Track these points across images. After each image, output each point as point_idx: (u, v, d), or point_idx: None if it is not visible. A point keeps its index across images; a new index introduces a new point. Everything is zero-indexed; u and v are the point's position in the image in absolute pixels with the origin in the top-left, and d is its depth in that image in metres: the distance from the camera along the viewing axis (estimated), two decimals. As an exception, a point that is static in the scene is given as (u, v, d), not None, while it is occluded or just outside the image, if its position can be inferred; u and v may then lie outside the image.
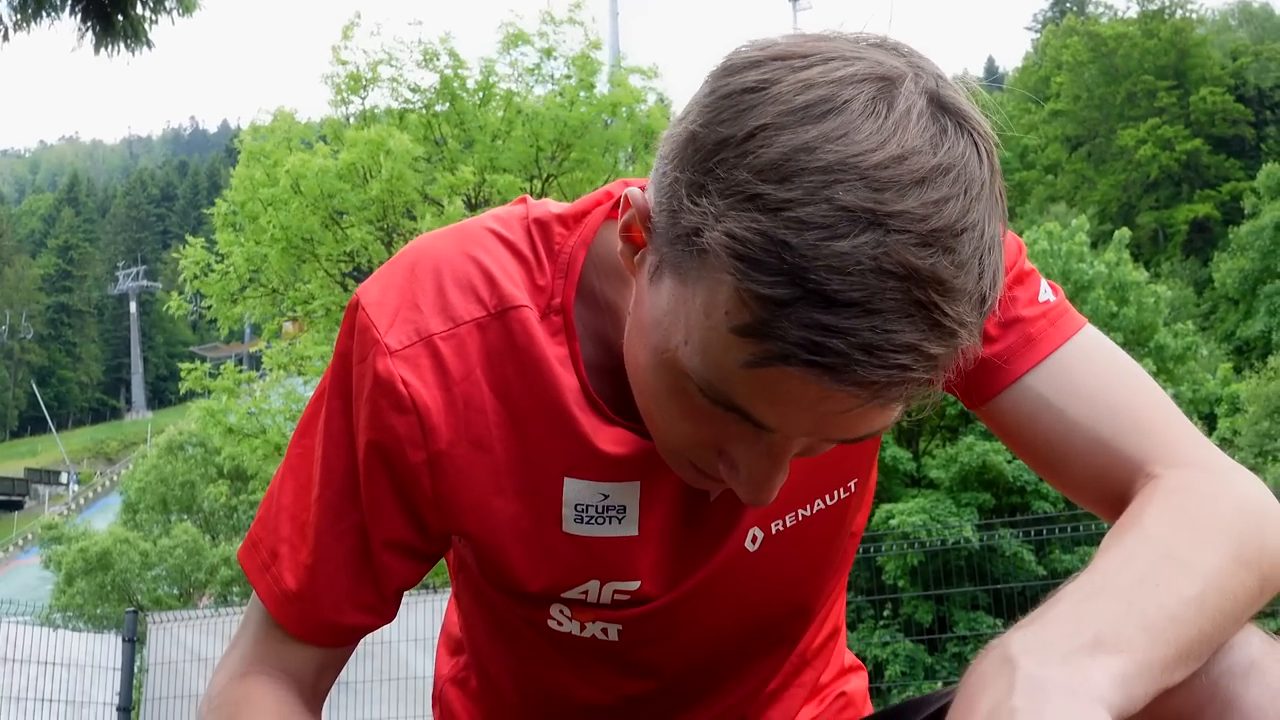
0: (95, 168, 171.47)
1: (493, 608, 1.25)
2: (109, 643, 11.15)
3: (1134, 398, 1.10)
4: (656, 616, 1.15)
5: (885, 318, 0.82)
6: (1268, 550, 0.96)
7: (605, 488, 1.10)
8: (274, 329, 17.55)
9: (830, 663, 1.38)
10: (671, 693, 1.24)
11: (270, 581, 1.15)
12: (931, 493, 17.99)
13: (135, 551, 28.43)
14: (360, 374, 1.10)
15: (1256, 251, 34.52)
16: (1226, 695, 0.90)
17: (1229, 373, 27.42)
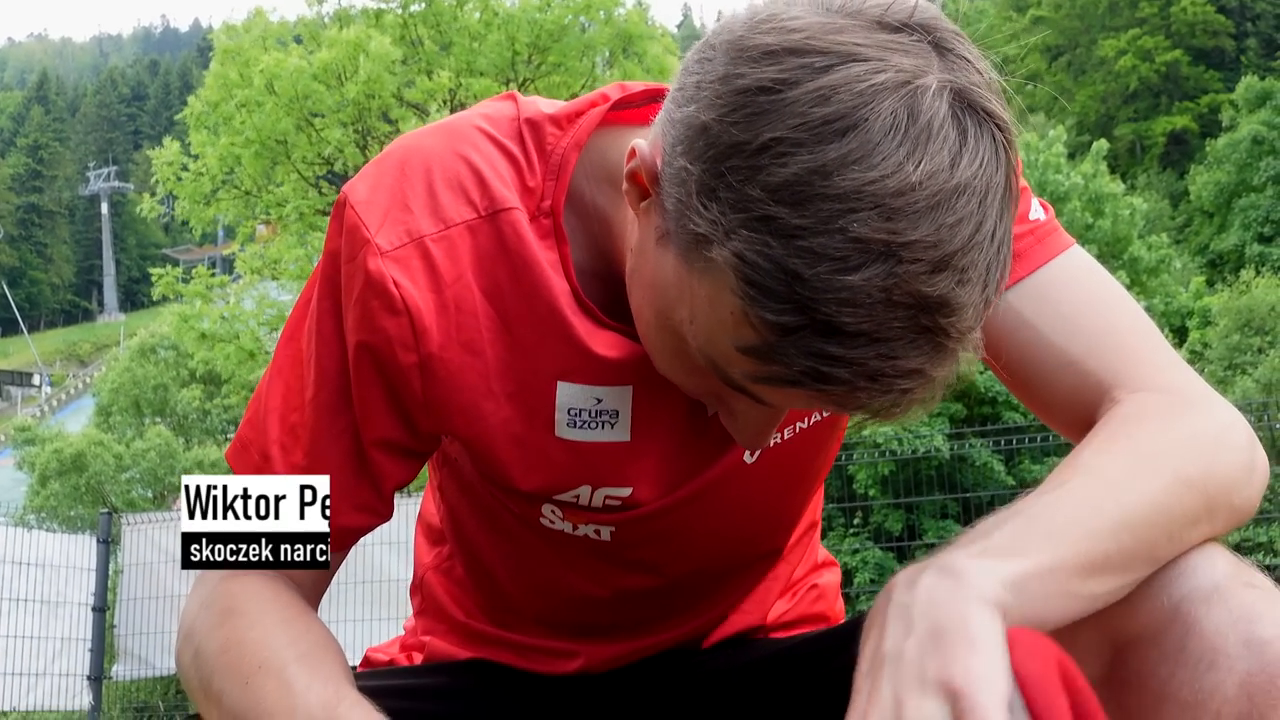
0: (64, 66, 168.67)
1: (482, 502, 1.25)
2: (83, 543, 11.18)
3: (1112, 321, 1.09)
4: (648, 521, 1.16)
5: (891, 346, 0.83)
6: (1215, 474, 0.96)
7: (599, 391, 1.10)
8: (248, 232, 17.44)
9: (804, 558, 1.41)
10: (665, 590, 1.25)
11: None
12: (903, 402, 18.07)
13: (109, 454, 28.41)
14: (350, 274, 1.09)
15: (1233, 165, 34.51)
16: (1187, 619, 0.90)
17: (1202, 286, 27.52)
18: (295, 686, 0.98)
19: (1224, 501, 0.96)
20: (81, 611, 10.85)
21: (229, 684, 1.01)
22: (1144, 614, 0.92)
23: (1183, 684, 0.90)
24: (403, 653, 1.41)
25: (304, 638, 1.05)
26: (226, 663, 1.03)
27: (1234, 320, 21.83)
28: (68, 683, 10.89)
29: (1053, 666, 0.75)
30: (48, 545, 11.13)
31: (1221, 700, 0.89)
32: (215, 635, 1.07)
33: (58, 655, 10.88)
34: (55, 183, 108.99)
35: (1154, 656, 0.91)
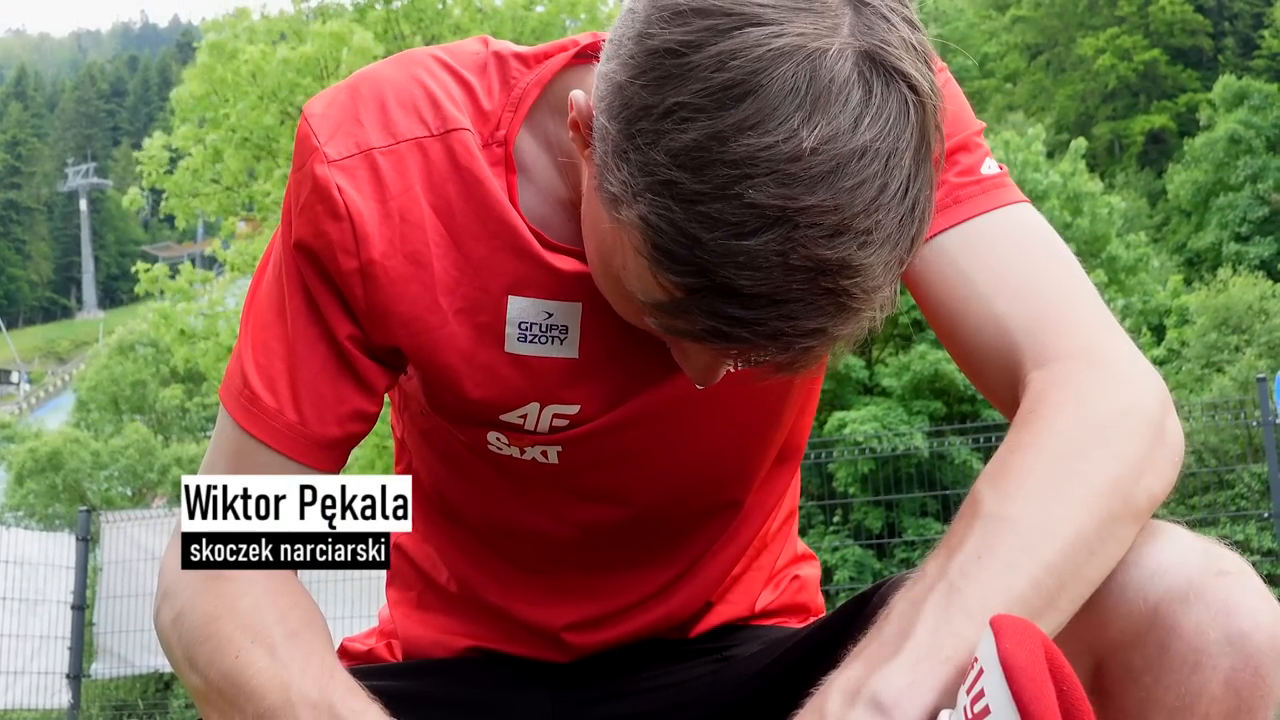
0: (43, 61, 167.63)
1: (437, 440, 1.26)
2: (62, 541, 11.13)
3: (1041, 278, 1.08)
4: (595, 440, 1.16)
5: (792, 307, 0.85)
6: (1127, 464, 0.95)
7: (550, 305, 1.12)
8: (230, 229, 17.37)
9: (785, 547, 1.41)
10: (628, 534, 1.25)
11: (246, 403, 1.13)
12: (883, 401, 18.12)
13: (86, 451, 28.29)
14: (298, 181, 1.11)
15: (1210, 164, 34.65)
16: (1167, 622, 0.91)
17: (1179, 284, 27.64)
18: (289, 667, 0.98)
19: (1142, 493, 0.95)
20: (60, 609, 10.79)
21: (218, 656, 1.02)
22: (1122, 619, 0.92)
23: (1169, 688, 0.91)
24: (381, 641, 1.40)
25: (293, 612, 1.05)
26: (216, 632, 1.03)
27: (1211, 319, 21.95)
28: (46, 681, 10.83)
29: (1039, 655, 0.76)
30: (26, 543, 11.07)
31: (1209, 700, 0.90)
32: (202, 600, 1.07)
33: (36, 653, 10.82)
34: (33, 179, 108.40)
35: (1137, 663, 0.92)
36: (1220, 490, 12.97)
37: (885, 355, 19.50)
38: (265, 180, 16.80)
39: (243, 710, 0.98)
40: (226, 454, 1.14)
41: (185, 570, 1.09)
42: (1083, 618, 0.92)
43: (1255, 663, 0.89)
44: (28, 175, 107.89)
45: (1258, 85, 35.57)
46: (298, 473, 1.13)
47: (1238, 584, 0.91)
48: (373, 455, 15.76)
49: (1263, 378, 8.90)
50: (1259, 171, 33.21)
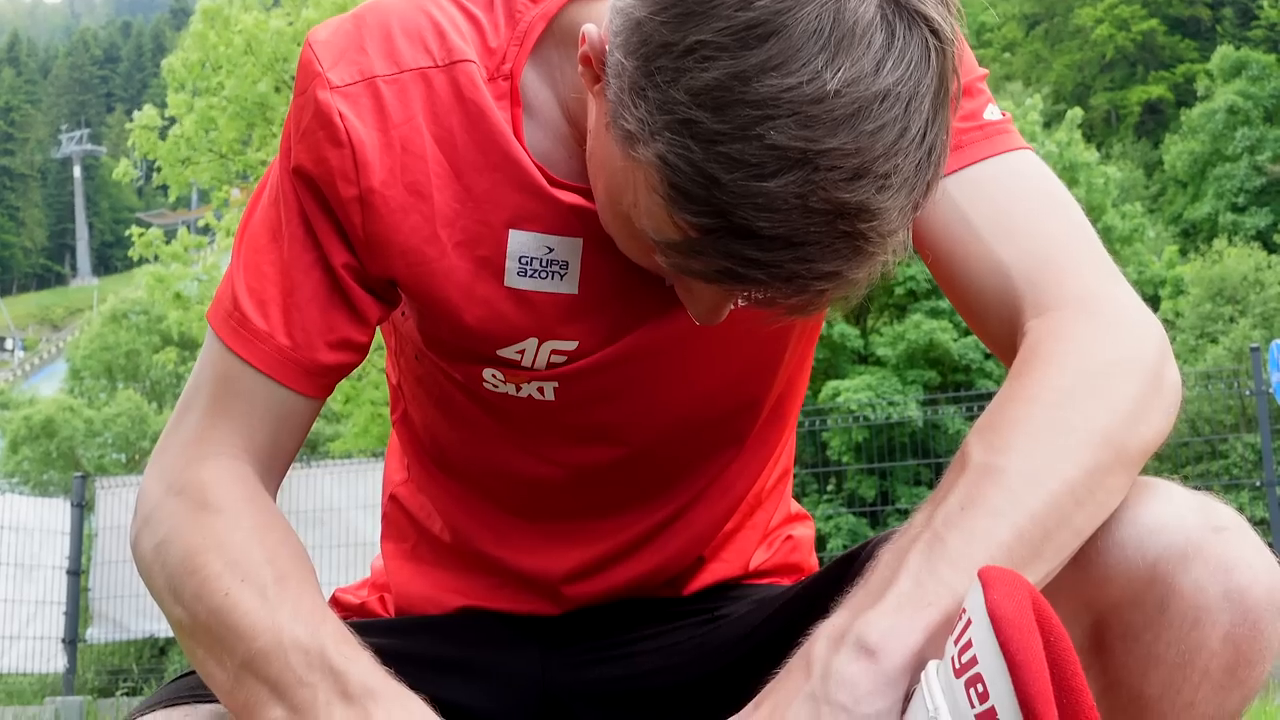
0: (36, 27, 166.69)
1: (432, 384, 1.26)
2: (57, 507, 11.14)
3: (1044, 224, 1.09)
4: (592, 375, 1.16)
5: (809, 250, 0.85)
6: (1120, 414, 0.95)
7: (551, 240, 1.11)
8: (223, 197, 17.30)
9: (779, 507, 1.41)
10: (620, 475, 1.25)
11: (236, 325, 1.12)
12: (878, 370, 18.14)
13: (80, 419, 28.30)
14: (300, 106, 1.11)
15: (1207, 134, 34.58)
16: (1166, 580, 0.91)
17: (1175, 255, 27.66)
18: (280, 610, 0.98)
19: (1135, 442, 0.95)
20: (55, 575, 10.82)
21: (205, 592, 1.00)
22: (1121, 578, 0.93)
23: (1168, 645, 0.91)
24: (373, 594, 1.40)
25: (282, 551, 1.04)
26: (202, 566, 1.02)
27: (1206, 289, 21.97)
28: (42, 645, 10.87)
29: (1027, 606, 0.76)
30: (21, 508, 11.08)
31: (1208, 655, 0.91)
32: (189, 531, 1.05)
33: (32, 618, 10.85)
34: (27, 145, 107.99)
35: (1137, 620, 0.92)
36: (1213, 460, 13.01)
37: (880, 325, 19.51)
38: (260, 149, 16.72)
39: (231, 650, 0.97)
40: (212, 378, 1.13)
41: (168, 497, 1.09)
42: (1081, 576, 0.93)
43: (1254, 617, 0.90)
44: (21, 142, 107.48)
45: (1256, 56, 35.47)
46: (283, 400, 1.12)
47: (1235, 540, 0.92)
48: (367, 422, 15.77)
49: (1256, 347, 8.91)
50: (1256, 142, 33.16)
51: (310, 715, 0.92)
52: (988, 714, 0.74)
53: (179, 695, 1.07)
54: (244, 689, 0.96)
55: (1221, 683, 0.91)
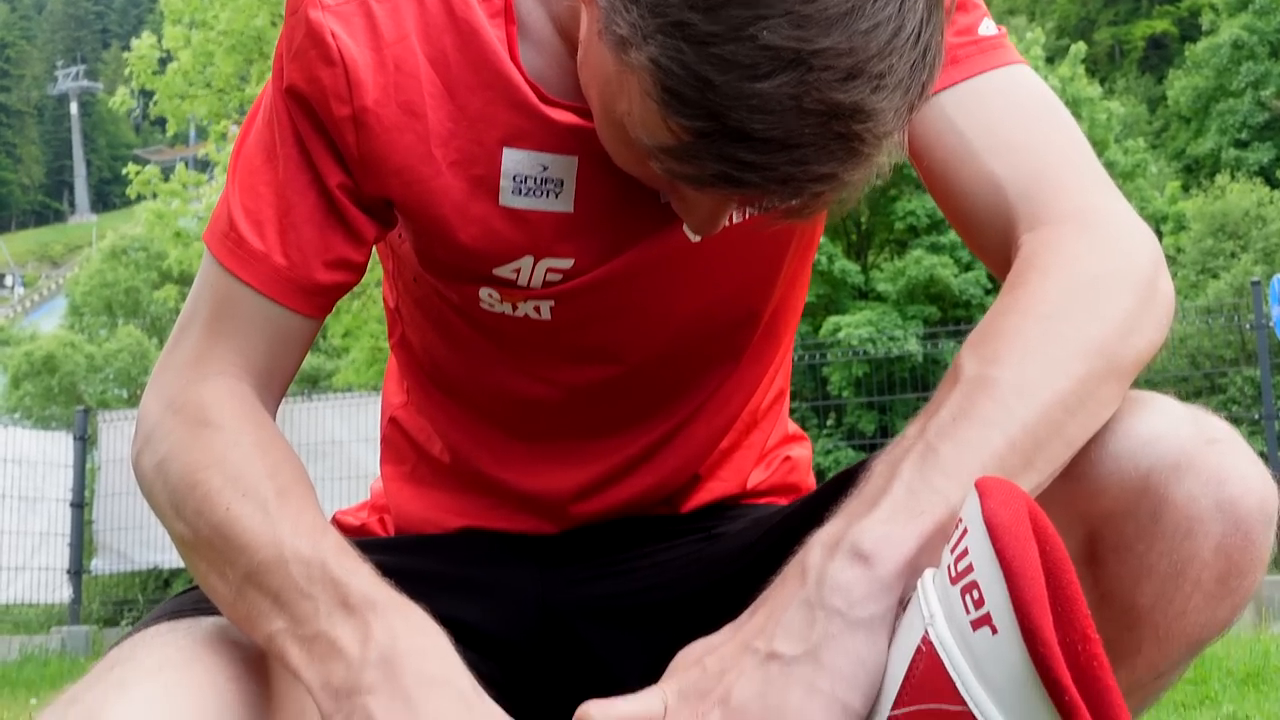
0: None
1: (428, 305, 1.26)
2: (60, 440, 11.18)
3: (1038, 139, 1.08)
4: (588, 293, 1.17)
5: (804, 152, 0.84)
6: (1112, 325, 0.95)
7: (545, 159, 1.11)
8: (220, 131, 17.19)
9: (776, 427, 1.41)
10: (617, 393, 1.26)
11: (233, 245, 1.12)
12: (879, 305, 18.11)
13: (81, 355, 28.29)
14: (291, 26, 1.10)
15: (1211, 69, 34.29)
16: (1159, 491, 0.92)
17: (1177, 191, 27.52)
18: (281, 523, 0.98)
19: (1128, 352, 0.95)
20: (59, 507, 10.88)
21: (207, 507, 1.01)
22: (1114, 490, 0.93)
23: (1161, 555, 0.92)
24: (373, 515, 1.42)
25: (282, 468, 1.05)
26: (203, 482, 1.03)
27: (1208, 225, 21.89)
28: (47, 576, 10.95)
29: (1023, 515, 0.77)
30: (24, 442, 11.13)
31: (1200, 566, 0.92)
32: (190, 448, 1.06)
33: (36, 550, 10.92)
34: (23, 82, 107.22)
35: (1130, 532, 0.93)
36: (1212, 395, 13.02)
37: (880, 260, 19.47)
38: (257, 84, 16.59)
39: (233, 563, 0.98)
40: (210, 299, 1.14)
41: (168, 416, 1.10)
42: (1074, 488, 0.94)
43: (1246, 527, 0.91)
44: (16, 78, 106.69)
45: (1261, -11, 35.11)
46: (281, 319, 1.13)
47: (1228, 451, 0.93)
48: (368, 356, 15.78)
49: (1257, 281, 8.90)
50: (1261, 77, 32.87)
51: (312, 626, 0.93)
52: (983, 620, 0.75)
53: (182, 609, 1.09)
54: (246, 601, 0.97)
55: (1213, 592, 0.92)
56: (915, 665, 0.78)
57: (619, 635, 1.27)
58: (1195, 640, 0.95)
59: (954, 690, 0.75)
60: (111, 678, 0.94)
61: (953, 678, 0.75)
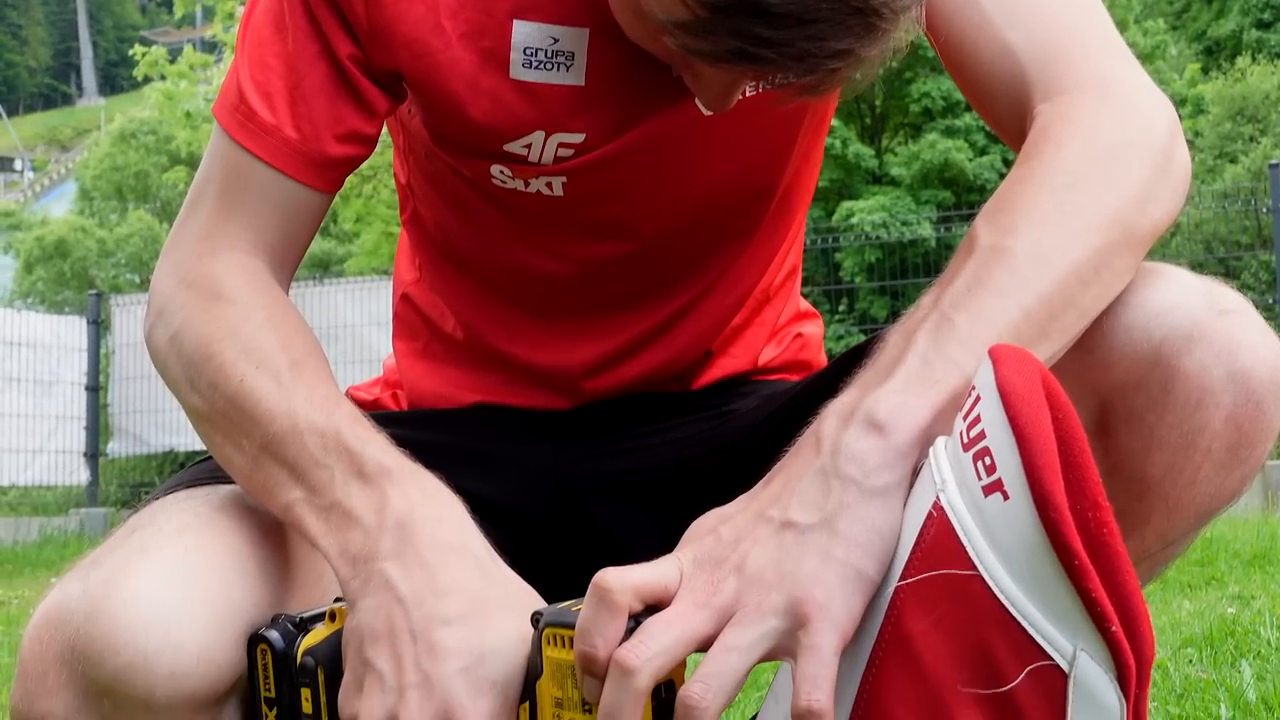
0: None
1: (440, 181, 1.26)
2: (74, 324, 11.23)
3: (1057, 9, 1.06)
4: (601, 168, 1.16)
5: (821, 27, 0.83)
6: (1127, 195, 0.94)
7: (555, 30, 1.10)
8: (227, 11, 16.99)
9: (788, 305, 1.42)
10: (630, 269, 1.26)
11: (243, 119, 1.12)
12: (892, 190, 17.97)
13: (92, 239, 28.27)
14: None
15: (1235, -52, 33.68)
16: (1170, 362, 0.91)
17: (1196, 73, 27.13)
18: (295, 394, 0.99)
19: (1144, 223, 0.94)
20: (74, 390, 10.97)
21: (221, 380, 1.02)
22: (1125, 361, 0.93)
23: (1171, 426, 0.92)
24: (386, 390, 1.42)
25: (295, 339, 1.05)
26: (217, 354, 1.03)
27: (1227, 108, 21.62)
28: (64, 459, 11.07)
29: (1036, 383, 0.77)
30: (38, 326, 11.19)
31: (1211, 436, 0.92)
32: (203, 322, 1.06)
33: (53, 433, 11.04)
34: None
35: (1140, 403, 0.93)
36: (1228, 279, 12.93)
37: (894, 144, 19.29)
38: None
39: (248, 435, 0.99)
40: (220, 173, 1.13)
41: (180, 290, 1.10)
42: (1086, 360, 0.94)
43: (1257, 398, 0.91)
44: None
45: None
46: (293, 193, 1.13)
47: (1240, 322, 0.93)
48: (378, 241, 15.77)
49: (1276, 164, 8.80)
50: (1285, -44, 32.28)
51: (328, 495, 0.94)
52: (994, 486, 0.75)
53: (199, 477, 1.10)
54: (262, 472, 0.98)
55: (1223, 462, 0.93)
56: (926, 531, 0.78)
57: (631, 510, 1.28)
58: (1204, 510, 0.96)
59: (964, 555, 0.75)
60: (132, 542, 0.95)
61: (963, 543, 0.75)
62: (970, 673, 0.75)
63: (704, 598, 0.78)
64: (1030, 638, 0.74)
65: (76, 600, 0.91)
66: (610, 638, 0.76)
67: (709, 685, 0.75)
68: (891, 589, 0.78)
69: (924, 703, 0.75)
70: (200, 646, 0.90)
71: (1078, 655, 0.73)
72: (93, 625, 0.89)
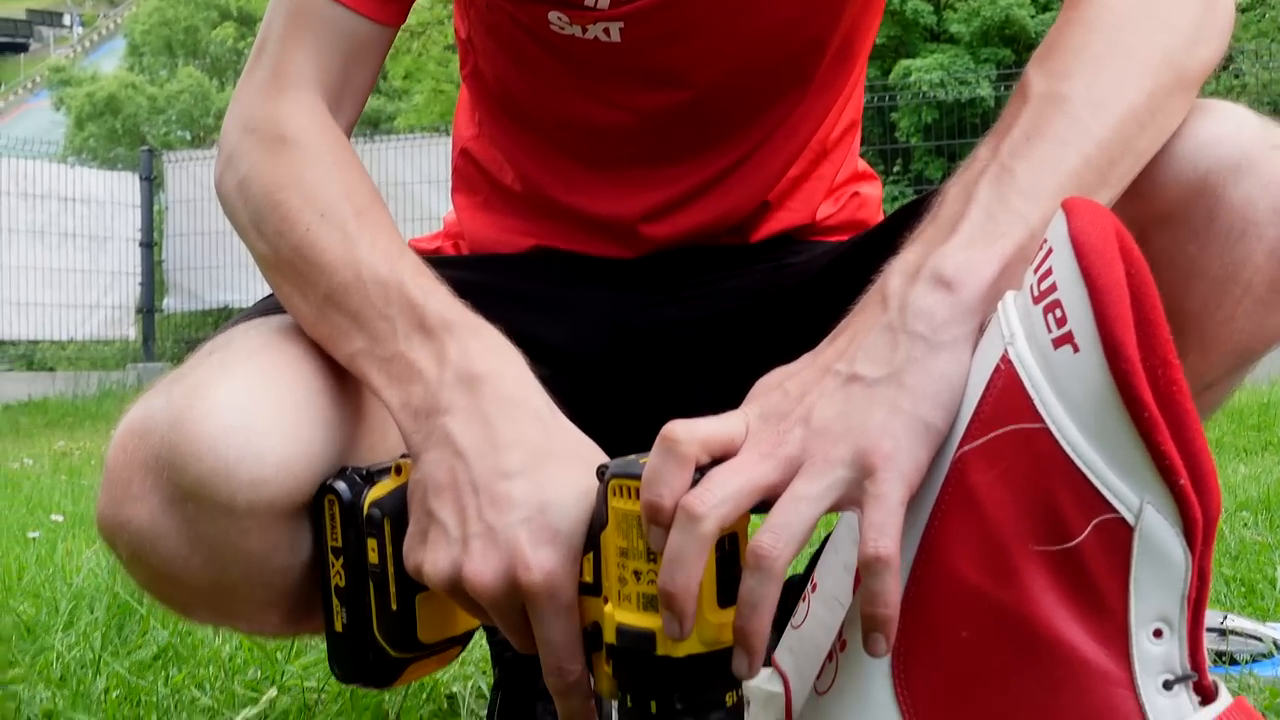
0: None
1: (501, 34, 1.25)
2: (127, 180, 11.31)
3: None
4: (657, 12, 1.15)
5: None
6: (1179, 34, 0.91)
7: None
8: None
9: (846, 162, 1.40)
10: (687, 119, 1.25)
11: None
12: (950, 48, 17.62)
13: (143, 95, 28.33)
14: None
15: None
16: (1215, 192, 0.89)
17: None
18: (359, 244, 0.99)
19: (1194, 64, 0.92)
20: (129, 246, 11.10)
21: (286, 228, 1.02)
22: (1170, 190, 0.91)
23: (1212, 258, 0.90)
24: (447, 240, 1.43)
25: (359, 189, 1.05)
26: (283, 202, 1.03)
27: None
28: (120, 315, 11.25)
29: (1110, 235, 0.75)
30: (91, 182, 11.27)
31: (1252, 270, 0.89)
32: (269, 168, 1.07)
33: (108, 289, 11.19)
34: None
35: (1182, 233, 0.91)
36: None
37: (954, 0, 18.87)
38: None
39: (314, 284, 0.99)
40: (284, 12, 1.14)
41: (246, 136, 1.10)
42: (1130, 190, 0.90)
43: None
44: None
45: None
46: (355, 27, 1.13)
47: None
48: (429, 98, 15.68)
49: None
50: None
51: (390, 346, 0.94)
52: (1064, 338, 0.74)
53: (274, 307, 1.11)
54: (327, 321, 0.99)
55: (1264, 299, 0.91)
56: (993, 386, 0.77)
57: (689, 360, 1.29)
58: (1243, 349, 0.94)
59: (1031, 408, 0.74)
60: (212, 360, 0.98)
61: (1030, 396, 0.74)
62: (1035, 527, 0.74)
63: (770, 449, 0.78)
64: (1096, 491, 0.73)
65: (160, 411, 0.93)
66: (677, 487, 0.76)
67: (779, 535, 0.75)
68: (956, 442, 0.77)
69: (987, 555, 0.75)
70: (280, 456, 0.92)
71: (1144, 509, 0.73)
72: (177, 432, 0.91)
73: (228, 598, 0.99)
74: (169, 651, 1.77)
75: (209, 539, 0.93)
